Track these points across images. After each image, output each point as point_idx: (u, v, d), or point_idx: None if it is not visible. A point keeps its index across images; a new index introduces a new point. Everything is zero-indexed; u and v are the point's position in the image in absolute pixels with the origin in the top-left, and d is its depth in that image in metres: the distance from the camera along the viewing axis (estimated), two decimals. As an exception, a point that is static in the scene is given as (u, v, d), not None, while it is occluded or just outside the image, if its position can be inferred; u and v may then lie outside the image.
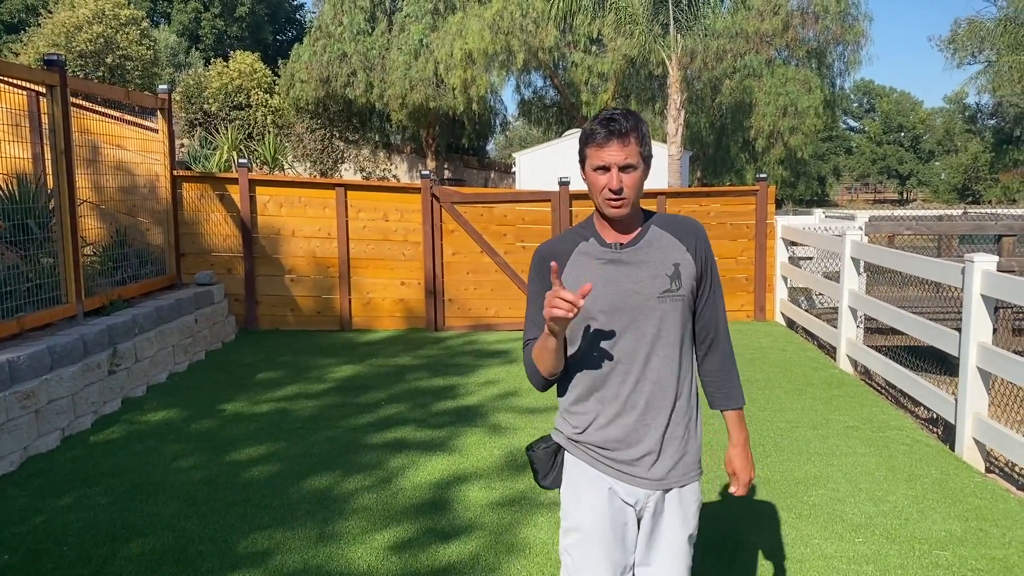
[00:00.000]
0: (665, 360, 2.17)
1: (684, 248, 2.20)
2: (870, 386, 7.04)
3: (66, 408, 5.42)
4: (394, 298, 9.39)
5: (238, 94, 22.19)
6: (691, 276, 2.19)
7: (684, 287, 2.17)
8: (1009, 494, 4.57)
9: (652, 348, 2.15)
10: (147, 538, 3.92)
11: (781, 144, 22.60)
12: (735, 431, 2.34)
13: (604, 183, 2.10)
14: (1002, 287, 4.87)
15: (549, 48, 21.18)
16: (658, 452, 2.17)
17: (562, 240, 2.27)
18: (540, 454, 2.33)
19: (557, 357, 2.11)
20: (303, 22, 39.75)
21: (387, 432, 5.57)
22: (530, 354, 2.21)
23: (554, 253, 2.23)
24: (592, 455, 2.21)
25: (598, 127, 2.10)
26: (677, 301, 2.16)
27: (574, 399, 2.24)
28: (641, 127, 2.12)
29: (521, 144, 38.71)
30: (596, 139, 2.10)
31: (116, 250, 7.60)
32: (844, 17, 22.28)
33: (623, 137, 2.09)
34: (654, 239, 2.20)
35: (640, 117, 2.14)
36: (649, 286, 2.15)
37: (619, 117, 2.11)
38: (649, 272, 2.16)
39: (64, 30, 20.63)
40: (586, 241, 2.21)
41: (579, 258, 2.20)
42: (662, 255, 2.17)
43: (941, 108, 58.53)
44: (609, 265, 2.16)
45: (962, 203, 43.35)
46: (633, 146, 2.09)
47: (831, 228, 9.93)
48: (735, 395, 2.34)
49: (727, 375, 2.33)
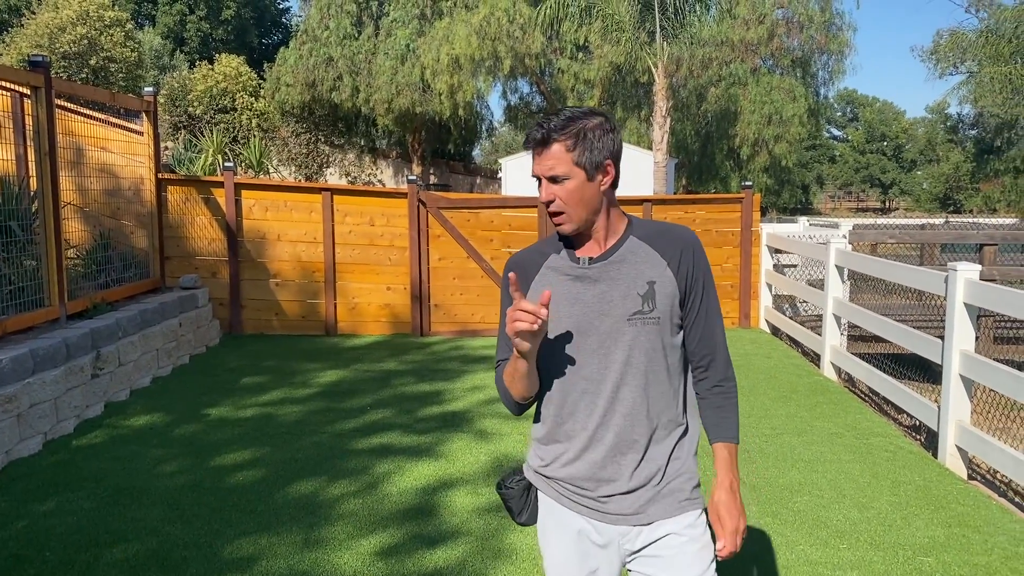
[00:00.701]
0: (637, 390, 1.91)
1: (664, 263, 1.92)
2: (854, 393, 7.09)
3: (48, 412, 5.37)
4: (380, 303, 9.37)
5: (223, 97, 22.11)
6: (669, 295, 1.92)
7: (659, 308, 1.90)
8: (991, 501, 4.61)
9: (621, 376, 1.91)
10: (131, 543, 3.89)
11: (766, 152, 22.73)
12: (722, 470, 2.00)
13: (542, 197, 1.91)
14: (985, 296, 4.92)
15: (536, 54, 21.22)
16: (630, 490, 1.94)
17: (532, 252, 2.05)
18: (512, 490, 2.11)
19: (529, 380, 1.91)
20: (289, 26, 39.65)
21: (373, 437, 5.56)
22: (501, 376, 2.02)
23: (521, 266, 2.02)
24: (559, 491, 2.01)
25: (527, 131, 1.90)
26: (650, 324, 1.90)
27: (540, 429, 2.04)
28: (577, 129, 1.84)
29: (507, 150, 38.75)
30: (526, 147, 1.91)
31: (100, 253, 7.54)
32: (828, 27, 22.47)
33: (541, 145, 1.86)
34: (629, 253, 1.94)
35: (584, 116, 1.87)
36: (618, 307, 1.90)
37: (544, 121, 1.87)
38: (619, 291, 1.90)
39: (48, 31, 20.48)
40: (557, 254, 1.98)
41: (547, 273, 1.98)
42: (635, 272, 1.91)
43: (923, 118, 59.14)
44: (576, 283, 1.93)
45: (944, 212, 43.77)
46: (560, 153, 1.84)
47: (815, 236, 10.00)
48: (728, 428, 2.03)
49: (722, 403, 2.04)
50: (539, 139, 1.86)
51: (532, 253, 2.04)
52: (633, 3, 16.09)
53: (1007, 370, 4.61)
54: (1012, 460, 4.49)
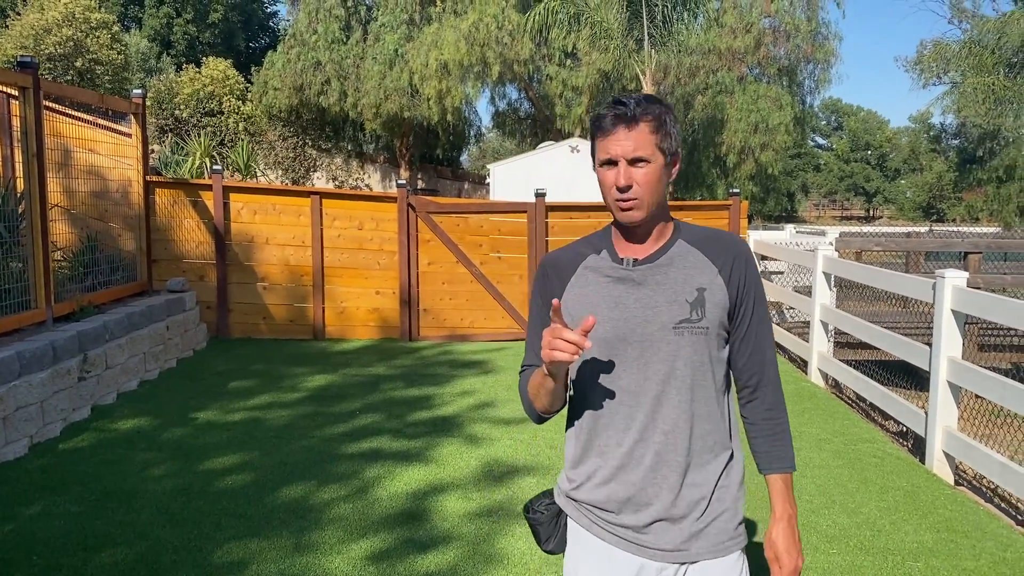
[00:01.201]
0: (680, 406, 1.76)
1: (716, 269, 1.79)
2: (841, 399, 7.13)
3: (35, 415, 5.32)
4: (368, 307, 9.35)
5: (210, 100, 22.03)
6: (719, 305, 1.78)
7: (709, 318, 1.77)
8: (978, 506, 4.65)
9: (663, 389, 1.75)
10: (119, 547, 3.86)
11: (752, 160, 22.87)
12: (780, 502, 1.85)
13: (612, 180, 1.74)
14: (972, 303, 4.97)
15: (524, 61, 21.29)
16: (673, 519, 1.77)
17: (569, 251, 1.91)
18: (541, 514, 1.95)
19: (555, 396, 1.78)
20: (276, 30, 39.54)
21: (362, 442, 5.54)
22: (525, 385, 1.87)
23: (557, 266, 1.88)
24: (590, 517, 1.83)
25: (604, 111, 1.76)
26: (698, 335, 1.75)
27: (572, 447, 1.89)
28: (658, 112, 1.74)
29: (495, 155, 38.78)
30: (602, 126, 1.74)
31: (87, 255, 7.48)
32: (815, 36, 22.67)
33: (630, 123, 1.72)
34: (678, 256, 1.80)
35: (664, 102, 1.77)
36: (663, 313, 1.75)
37: (629, 100, 1.74)
38: (665, 296, 1.76)
39: (33, 32, 20.35)
40: (596, 254, 1.85)
41: (584, 274, 1.84)
42: (684, 276, 1.77)
43: (907, 127, 59.60)
44: (617, 285, 1.79)
45: (927, 221, 44.13)
46: (645, 134, 1.71)
47: (802, 243, 10.06)
48: (783, 456, 1.88)
49: (773, 430, 1.89)
50: (628, 116, 1.72)
51: (568, 253, 1.91)
52: (621, 11, 16.17)
53: (995, 376, 4.65)
54: (999, 466, 4.52)
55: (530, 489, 4.70)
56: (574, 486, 1.86)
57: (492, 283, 9.40)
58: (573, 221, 9.50)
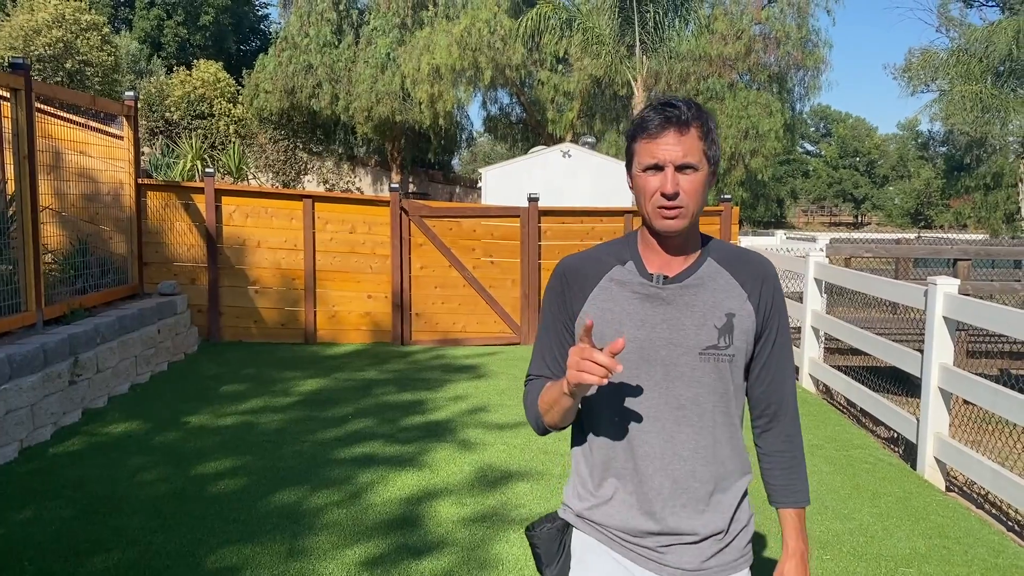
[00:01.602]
0: (702, 432, 1.70)
1: (745, 294, 1.72)
2: (832, 405, 7.15)
3: (25, 419, 5.29)
4: (360, 311, 9.33)
5: (201, 103, 21.98)
6: (747, 331, 1.72)
7: (736, 344, 1.70)
8: (969, 512, 4.67)
9: (684, 415, 1.70)
10: (111, 553, 3.83)
11: (742, 166, 22.97)
12: (793, 538, 1.81)
13: (656, 186, 1.63)
14: (963, 310, 5.00)
15: (516, 66, 21.33)
16: (694, 541, 1.73)
17: (592, 258, 1.79)
18: (543, 535, 1.86)
19: (570, 415, 1.71)
20: (267, 33, 39.46)
21: (355, 447, 5.52)
22: (535, 398, 1.78)
23: (579, 273, 1.77)
24: (608, 535, 1.77)
25: (650, 113, 1.65)
26: (723, 362, 1.69)
27: (587, 464, 1.81)
28: (707, 118, 1.66)
29: (486, 160, 38.80)
30: (647, 129, 1.64)
31: (77, 258, 7.45)
32: (805, 43, 22.80)
33: (682, 127, 1.62)
34: (708, 277, 1.72)
35: (702, 107, 1.68)
36: (691, 337, 1.68)
37: (679, 102, 1.65)
38: (694, 320, 1.69)
39: (22, 33, 20.25)
40: (622, 265, 1.75)
41: (609, 286, 1.74)
42: (714, 300, 1.70)
43: (895, 134, 60.06)
44: (644, 302, 1.70)
45: (915, 227, 44.40)
46: (695, 140, 1.63)
47: (793, 249, 10.10)
48: (798, 489, 1.83)
49: (790, 463, 1.84)
50: (680, 120, 1.62)
51: (591, 260, 1.79)
52: (613, 17, 16.23)
53: (986, 383, 4.68)
54: (990, 472, 4.55)
55: (524, 494, 4.70)
56: (588, 506, 1.79)
57: (485, 287, 9.40)
58: (566, 226, 9.51)
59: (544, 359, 1.83)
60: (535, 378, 1.84)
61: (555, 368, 1.80)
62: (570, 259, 1.82)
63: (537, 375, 1.84)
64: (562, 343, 1.81)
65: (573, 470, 1.86)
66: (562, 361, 1.78)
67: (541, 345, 1.85)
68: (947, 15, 29.75)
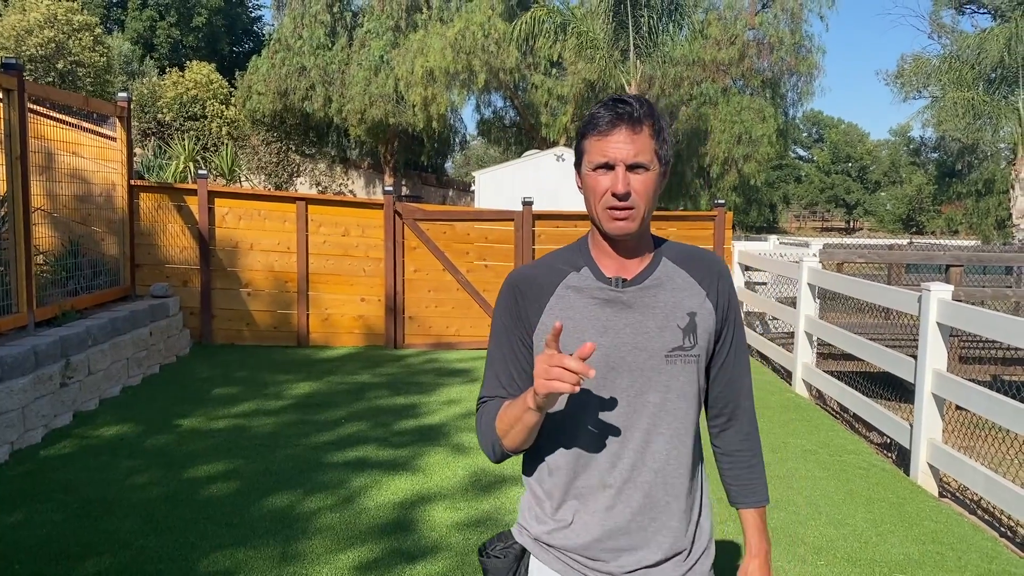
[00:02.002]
0: (672, 440, 1.63)
1: (703, 292, 1.67)
2: (825, 410, 7.16)
3: (16, 421, 5.25)
4: (353, 314, 9.31)
5: (193, 104, 21.92)
6: (709, 330, 1.67)
7: (700, 344, 1.65)
8: (963, 518, 4.68)
9: (655, 423, 1.62)
10: (103, 556, 3.80)
11: (735, 171, 23.02)
12: (755, 538, 1.78)
13: (606, 186, 1.56)
14: (957, 316, 5.01)
15: (510, 69, 21.34)
16: (658, 562, 1.64)
17: (545, 267, 1.70)
18: (498, 560, 1.73)
19: (533, 433, 1.59)
20: (261, 34, 39.40)
21: (348, 451, 5.50)
22: (490, 420, 1.65)
23: (532, 284, 1.68)
24: (567, 563, 1.66)
25: (601, 110, 1.58)
26: (690, 363, 1.64)
27: (546, 483, 1.68)
28: (659, 117, 1.60)
29: (479, 163, 38.81)
30: (598, 126, 1.57)
31: (69, 259, 7.41)
32: (798, 49, 22.87)
33: (634, 124, 1.55)
34: (666, 277, 1.66)
35: (653, 105, 1.62)
36: (655, 340, 1.61)
37: (630, 99, 1.58)
38: (657, 321, 1.62)
39: (14, 33, 20.16)
40: (577, 272, 1.67)
41: (566, 294, 1.65)
42: (675, 300, 1.65)
43: (887, 140, 60.28)
44: (605, 307, 1.63)
45: (906, 233, 44.60)
46: (647, 139, 1.56)
47: (786, 254, 10.12)
48: (758, 489, 1.80)
49: (750, 462, 1.80)
50: (632, 117, 1.55)
51: (544, 268, 1.70)
52: (607, 21, 16.26)
53: (979, 389, 4.69)
54: (983, 478, 4.56)
55: (517, 499, 4.68)
56: (548, 530, 1.67)
57: (478, 291, 9.38)
58: (560, 230, 9.51)
59: (498, 379, 1.71)
60: (488, 400, 1.71)
61: (511, 387, 1.69)
62: (521, 270, 1.72)
63: (491, 396, 1.71)
64: (518, 360, 1.70)
65: (529, 490, 1.74)
66: (519, 379, 1.68)
67: (494, 364, 1.72)
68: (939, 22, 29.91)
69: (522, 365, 1.69)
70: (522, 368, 1.69)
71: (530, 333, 1.67)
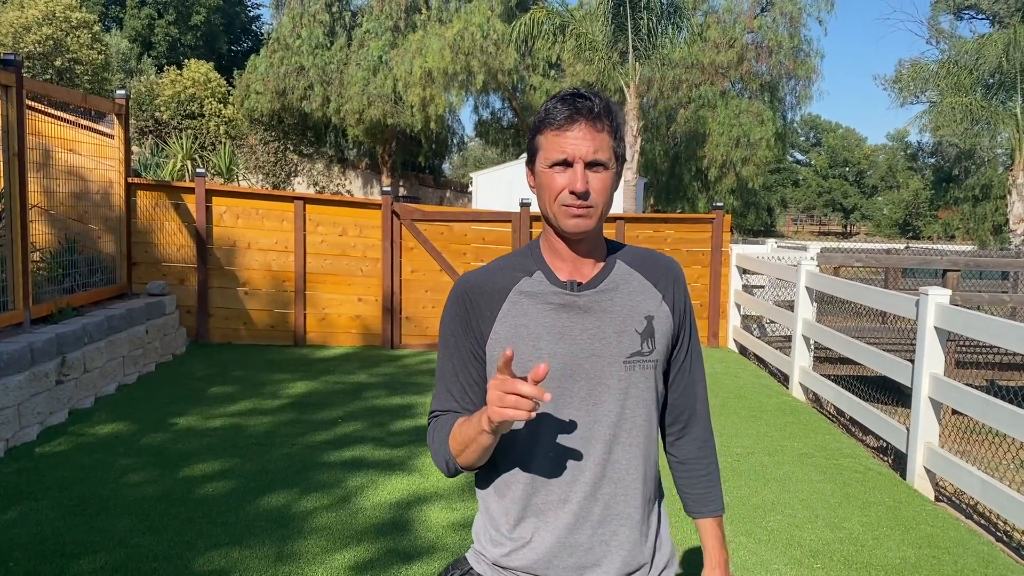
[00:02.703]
0: (632, 450, 1.57)
1: (660, 295, 1.62)
2: (822, 414, 7.16)
3: (11, 418, 5.23)
4: (350, 314, 9.30)
5: (191, 103, 21.91)
6: (666, 334, 1.61)
7: (658, 349, 1.59)
8: (959, 522, 4.68)
9: (615, 433, 1.55)
10: (98, 555, 3.79)
11: (733, 174, 23.06)
12: (718, 548, 1.73)
13: (563, 184, 1.49)
14: (954, 320, 5.01)
15: (508, 70, 21.36)
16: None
17: (495, 272, 1.61)
18: None
19: (487, 454, 1.51)
20: (259, 33, 39.40)
21: (345, 450, 5.49)
22: (444, 436, 1.57)
23: (483, 292, 1.59)
24: None
25: (558, 105, 1.50)
26: (648, 368, 1.57)
27: (502, 503, 1.60)
28: (616, 114, 1.54)
29: (477, 164, 38.81)
30: (555, 120, 1.49)
31: (66, 257, 7.39)
32: (797, 53, 22.92)
33: (595, 120, 1.49)
34: (621, 280, 1.60)
35: (615, 104, 1.58)
36: (612, 345, 1.55)
37: (589, 95, 1.51)
38: (614, 326, 1.56)
39: (12, 30, 20.15)
40: (529, 277, 1.58)
41: (519, 300, 1.57)
42: (631, 303, 1.58)
43: (884, 145, 60.44)
44: (560, 313, 1.55)
45: (903, 238, 44.69)
46: (606, 136, 1.50)
47: (784, 258, 10.13)
48: (715, 497, 1.75)
49: (707, 470, 1.75)
50: (592, 113, 1.49)
51: (494, 274, 1.61)
52: (607, 23, 16.27)
53: (976, 394, 4.70)
54: (980, 482, 4.56)
55: (514, 500, 4.67)
56: (504, 552, 1.59)
57: (475, 292, 9.36)
58: (557, 231, 9.49)
59: (450, 392, 1.62)
60: (441, 414, 1.63)
61: (464, 401, 1.61)
62: (469, 277, 1.63)
63: (443, 410, 1.63)
64: (469, 372, 1.62)
65: (482, 510, 1.67)
66: (470, 392, 1.61)
67: (444, 377, 1.64)
68: (937, 27, 30.01)
69: (473, 377, 1.62)
70: (474, 380, 1.62)
71: (482, 344, 1.59)
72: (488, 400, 1.36)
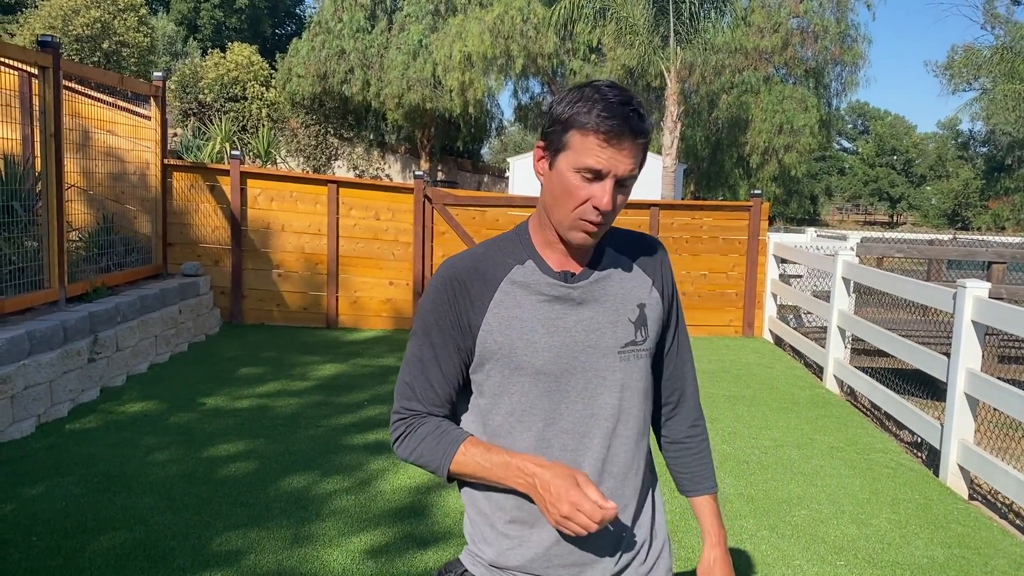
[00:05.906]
0: (629, 442, 1.53)
1: (650, 281, 1.57)
2: (856, 407, 7.01)
3: (43, 395, 5.33)
4: (381, 298, 9.32)
5: (234, 86, 22.11)
6: (657, 321, 1.58)
7: (650, 337, 1.55)
8: (992, 522, 4.54)
9: (613, 426, 1.51)
10: (118, 532, 3.84)
11: (775, 161, 22.66)
12: (712, 526, 1.69)
13: (587, 195, 1.40)
14: (993, 314, 4.85)
15: (548, 55, 21.20)
16: (620, 571, 1.56)
17: (485, 259, 1.52)
18: None
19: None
20: (303, 17, 39.68)
21: (368, 434, 5.50)
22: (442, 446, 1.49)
23: (475, 279, 1.50)
24: None
25: (605, 111, 1.37)
26: (642, 357, 1.54)
27: (498, 502, 1.53)
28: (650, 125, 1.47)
29: (515, 149, 38.71)
30: (599, 127, 1.37)
31: (102, 237, 7.50)
32: (843, 38, 22.40)
33: (637, 136, 1.39)
34: (612, 267, 1.55)
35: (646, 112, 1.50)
36: (607, 336, 1.50)
37: (635, 102, 1.40)
38: (608, 316, 1.51)
39: (61, 13, 20.50)
40: (521, 266, 1.51)
41: (512, 290, 1.49)
42: (623, 291, 1.54)
43: (934, 133, 59.05)
44: (555, 305, 1.49)
45: (951, 228, 43.66)
46: (641, 153, 1.42)
47: (823, 247, 9.93)
48: (709, 475, 1.72)
49: (699, 448, 1.72)
50: (642, 130, 1.39)
51: (484, 262, 1.52)
52: (648, 7, 16.04)
53: (1014, 390, 4.54)
54: (1015, 482, 4.42)
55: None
56: (501, 550, 1.53)
57: (507, 277, 9.33)
58: (590, 218, 9.40)
59: (435, 386, 1.53)
60: (410, 416, 1.54)
61: (436, 402, 1.54)
62: (457, 262, 1.52)
63: (411, 412, 1.54)
64: (451, 367, 1.53)
65: (472, 506, 1.59)
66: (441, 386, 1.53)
67: (416, 370, 1.53)
68: (993, 12, 29.12)
69: (455, 375, 1.54)
70: (455, 381, 1.54)
71: (469, 336, 1.51)
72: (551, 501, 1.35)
